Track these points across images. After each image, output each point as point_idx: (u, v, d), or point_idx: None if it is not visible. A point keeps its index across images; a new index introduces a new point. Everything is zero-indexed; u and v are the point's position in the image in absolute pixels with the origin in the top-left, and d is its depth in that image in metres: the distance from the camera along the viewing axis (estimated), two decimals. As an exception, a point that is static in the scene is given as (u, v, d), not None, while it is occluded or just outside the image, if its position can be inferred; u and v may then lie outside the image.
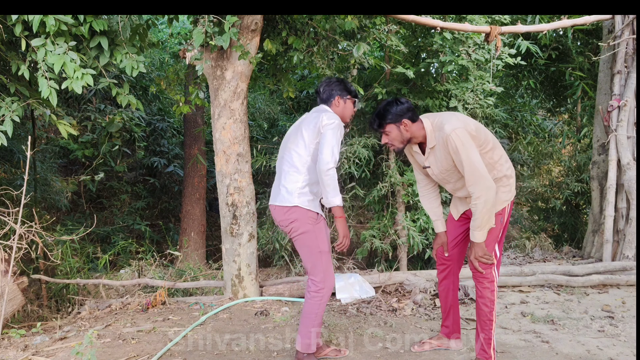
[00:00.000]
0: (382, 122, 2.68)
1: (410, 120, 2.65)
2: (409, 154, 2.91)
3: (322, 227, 2.77)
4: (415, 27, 6.02)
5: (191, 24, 4.21)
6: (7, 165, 7.22)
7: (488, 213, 2.55)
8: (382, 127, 2.69)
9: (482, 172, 2.49)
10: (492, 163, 2.62)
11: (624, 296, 4.11)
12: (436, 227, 2.98)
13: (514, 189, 2.73)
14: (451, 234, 2.94)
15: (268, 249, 6.00)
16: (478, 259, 2.66)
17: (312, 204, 2.72)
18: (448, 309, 3.05)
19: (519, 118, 8.72)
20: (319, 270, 2.74)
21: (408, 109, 2.67)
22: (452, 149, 2.53)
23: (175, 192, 9.68)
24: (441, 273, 3.00)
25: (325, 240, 2.77)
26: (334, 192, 2.60)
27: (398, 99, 2.72)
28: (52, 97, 3.28)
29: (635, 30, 5.02)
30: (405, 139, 2.69)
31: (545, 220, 8.84)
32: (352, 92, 2.89)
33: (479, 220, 2.56)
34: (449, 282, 2.99)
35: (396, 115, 2.64)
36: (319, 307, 2.75)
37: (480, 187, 2.49)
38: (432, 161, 2.72)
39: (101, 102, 8.31)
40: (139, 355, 3.04)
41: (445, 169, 2.68)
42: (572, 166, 8.40)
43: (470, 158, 2.49)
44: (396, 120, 2.65)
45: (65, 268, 5.14)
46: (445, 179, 2.74)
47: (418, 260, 6.63)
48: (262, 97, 9.76)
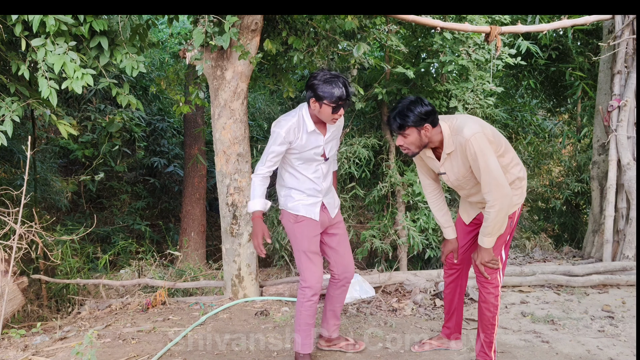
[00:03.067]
0: (403, 124, 2.46)
1: (431, 124, 2.48)
2: (419, 159, 2.77)
3: (303, 227, 2.82)
4: (415, 27, 6.02)
5: (191, 24, 4.21)
6: (7, 165, 7.22)
7: (501, 221, 2.48)
8: (402, 130, 2.48)
9: (500, 179, 2.40)
10: (504, 166, 2.53)
11: (624, 296, 4.11)
12: (447, 234, 2.88)
13: (525, 192, 2.66)
14: (462, 239, 2.85)
15: (268, 249, 5.99)
16: (485, 264, 2.59)
17: (294, 207, 2.83)
18: (452, 311, 3.01)
19: (519, 118, 8.71)
20: (300, 268, 2.84)
21: (432, 111, 2.48)
22: (470, 154, 2.42)
23: (175, 192, 9.67)
24: (449, 277, 2.94)
25: (305, 240, 2.81)
26: (251, 197, 2.74)
27: (422, 99, 2.50)
28: (52, 97, 3.28)
29: (635, 30, 5.01)
30: (423, 144, 2.53)
31: (545, 220, 8.84)
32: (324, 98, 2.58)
33: (491, 228, 2.49)
34: (456, 286, 2.94)
35: (420, 118, 2.45)
36: (301, 305, 2.81)
37: (496, 195, 2.41)
38: (448, 167, 2.59)
39: (101, 102, 8.31)
40: (139, 355, 3.04)
41: (462, 176, 2.57)
42: (572, 166, 8.40)
43: (489, 165, 2.40)
44: (419, 123, 2.45)
45: (65, 268, 5.14)
46: (460, 185, 2.64)
47: (418, 260, 6.62)
48: (262, 97, 9.75)
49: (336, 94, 2.57)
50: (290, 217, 2.84)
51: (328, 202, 2.91)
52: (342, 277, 2.97)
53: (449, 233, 2.87)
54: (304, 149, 2.74)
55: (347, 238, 3.04)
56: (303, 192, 2.82)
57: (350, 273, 2.99)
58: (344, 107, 2.66)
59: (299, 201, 2.82)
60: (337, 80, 2.59)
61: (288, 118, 2.73)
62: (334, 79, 2.59)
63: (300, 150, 2.74)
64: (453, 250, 2.88)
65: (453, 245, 2.87)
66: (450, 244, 2.88)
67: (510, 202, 2.46)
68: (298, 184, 2.82)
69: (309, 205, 2.81)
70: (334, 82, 2.58)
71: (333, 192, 3.00)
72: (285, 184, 2.88)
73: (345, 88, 2.60)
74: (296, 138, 2.71)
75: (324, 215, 2.89)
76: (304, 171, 2.79)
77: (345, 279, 2.99)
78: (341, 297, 3.03)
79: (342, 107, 2.63)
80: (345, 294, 3.04)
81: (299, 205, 2.81)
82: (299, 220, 2.82)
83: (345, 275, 2.98)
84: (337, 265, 2.97)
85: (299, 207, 2.82)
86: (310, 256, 2.81)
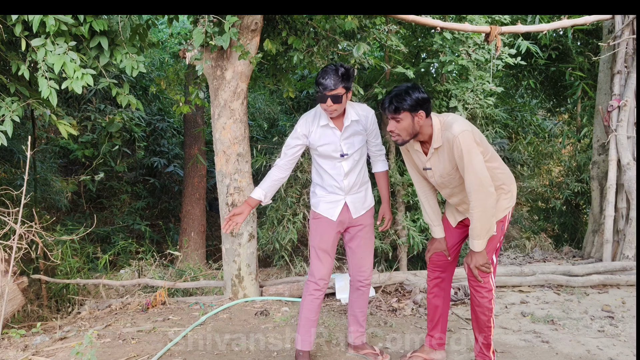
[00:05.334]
0: (399, 107, 2.41)
1: (425, 112, 2.45)
2: (406, 153, 2.73)
3: (319, 224, 2.84)
4: (415, 27, 6.03)
5: (191, 24, 4.21)
6: (7, 165, 7.22)
7: (488, 222, 2.46)
8: (397, 113, 2.42)
9: (484, 180, 2.39)
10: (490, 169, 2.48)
11: (624, 296, 4.11)
12: (436, 232, 2.81)
13: (515, 196, 2.64)
14: (449, 241, 2.79)
15: (268, 249, 6.00)
16: (479, 267, 2.55)
17: (314, 203, 2.88)
18: (437, 317, 2.88)
19: (519, 118, 8.71)
20: (310, 262, 2.89)
21: (428, 99, 2.45)
22: (457, 151, 2.41)
23: (175, 192, 9.68)
24: (433, 280, 2.85)
25: (317, 237, 2.84)
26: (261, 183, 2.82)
27: (419, 86, 2.46)
28: (52, 97, 3.28)
29: (635, 30, 5.01)
30: (415, 131, 2.49)
31: (545, 220, 8.85)
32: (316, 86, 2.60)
33: (478, 229, 2.46)
34: (441, 290, 2.85)
35: (416, 103, 2.41)
36: (304, 298, 2.85)
37: (479, 195, 2.39)
38: (435, 162, 2.57)
39: (101, 102, 8.31)
40: (139, 355, 3.04)
41: (446, 173, 2.55)
42: (572, 166, 8.41)
43: (474, 164, 2.38)
44: (414, 108, 2.41)
45: (65, 268, 5.14)
46: (444, 183, 2.61)
47: (418, 260, 6.63)
48: (262, 97, 9.76)
49: (320, 83, 2.56)
50: (312, 213, 2.91)
51: (352, 201, 2.83)
52: (355, 279, 2.94)
53: (437, 232, 2.81)
54: (318, 144, 2.73)
55: (369, 241, 2.92)
56: (325, 188, 2.83)
57: (364, 275, 2.93)
58: (332, 99, 2.57)
59: (320, 198, 2.84)
60: (328, 69, 2.57)
61: (308, 112, 2.81)
62: (327, 68, 2.59)
63: (316, 145, 2.74)
64: (442, 250, 2.80)
65: (442, 245, 2.79)
66: (440, 243, 2.80)
67: (493, 203, 2.43)
68: (321, 181, 2.84)
69: (328, 204, 2.82)
70: (324, 71, 2.57)
71: (363, 192, 2.88)
72: (313, 180, 2.94)
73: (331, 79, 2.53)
74: (310, 132, 2.73)
75: (345, 215, 2.83)
76: (326, 168, 2.79)
77: (359, 282, 2.94)
78: (360, 302, 2.98)
79: (327, 97, 2.56)
80: (363, 300, 2.98)
81: (320, 202, 2.84)
82: (317, 217, 2.86)
83: (358, 277, 2.93)
84: (352, 266, 2.95)
85: (318, 204, 2.85)
86: (318, 253, 2.83)
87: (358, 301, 2.99)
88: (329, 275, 2.86)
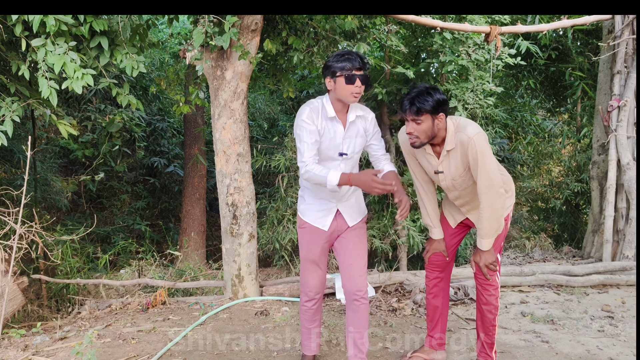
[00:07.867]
0: (420, 108, 2.34)
1: (445, 115, 2.41)
2: (410, 155, 2.69)
3: (305, 234, 2.65)
4: (415, 27, 6.02)
5: (191, 24, 4.21)
6: (7, 165, 7.22)
7: (497, 222, 2.51)
8: (419, 115, 2.36)
9: (496, 181, 2.43)
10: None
11: (624, 296, 4.11)
12: (435, 234, 2.80)
13: (514, 195, 2.71)
14: (448, 242, 2.81)
15: (268, 249, 6.00)
16: (488, 266, 2.59)
17: (302, 210, 2.68)
18: (437, 318, 2.89)
19: (519, 118, 8.72)
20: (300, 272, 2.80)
21: (447, 101, 2.41)
22: (472, 152, 2.40)
23: (175, 192, 9.68)
24: (433, 280, 2.86)
25: (304, 248, 2.68)
26: (323, 179, 2.34)
27: (436, 87, 2.41)
28: (52, 97, 3.28)
29: (635, 30, 5.02)
30: (433, 134, 2.43)
31: (545, 220, 8.85)
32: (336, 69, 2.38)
33: (487, 229, 2.51)
34: (440, 290, 2.86)
35: (437, 104, 2.36)
36: (299, 308, 2.81)
37: (491, 196, 2.43)
38: (446, 166, 2.54)
39: (101, 102, 8.31)
40: (139, 355, 3.04)
41: (458, 175, 2.53)
42: (572, 166, 8.41)
43: (488, 165, 2.41)
44: (435, 110, 2.36)
45: (65, 268, 5.14)
46: (455, 185, 2.60)
47: (418, 260, 6.62)
48: (262, 97, 9.76)
49: (349, 63, 2.37)
50: (298, 219, 2.69)
51: (345, 208, 2.62)
52: (347, 290, 2.60)
53: (436, 233, 2.80)
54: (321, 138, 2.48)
55: (361, 248, 2.66)
56: (315, 194, 2.60)
57: (357, 287, 2.57)
58: (361, 79, 2.37)
59: (309, 205, 2.63)
60: (350, 53, 2.42)
61: (306, 104, 2.51)
62: (347, 53, 2.43)
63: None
64: (442, 251, 2.81)
65: (442, 246, 2.80)
66: (439, 244, 2.80)
67: (502, 203, 2.50)
68: (311, 184, 2.55)
69: (318, 212, 2.60)
70: (346, 54, 2.41)
71: (355, 197, 2.68)
72: (301, 184, 2.69)
73: (361, 58, 2.39)
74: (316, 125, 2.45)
75: (339, 224, 2.63)
76: None
77: (353, 294, 2.57)
78: (355, 320, 2.58)
79: (357, 77, 2.36)
80: (360, 318, 2.58)
81: (308, 210, 2.63)
82: (303, 225, 2.65)
83: (350, 288, 2.58)
84: (343, 277, 2.63)
85: (307, 212, 2.64)
86: (306, 265, 2.69)
87: (353, 319, 2.59)
88: (322, 284, 2.73)
